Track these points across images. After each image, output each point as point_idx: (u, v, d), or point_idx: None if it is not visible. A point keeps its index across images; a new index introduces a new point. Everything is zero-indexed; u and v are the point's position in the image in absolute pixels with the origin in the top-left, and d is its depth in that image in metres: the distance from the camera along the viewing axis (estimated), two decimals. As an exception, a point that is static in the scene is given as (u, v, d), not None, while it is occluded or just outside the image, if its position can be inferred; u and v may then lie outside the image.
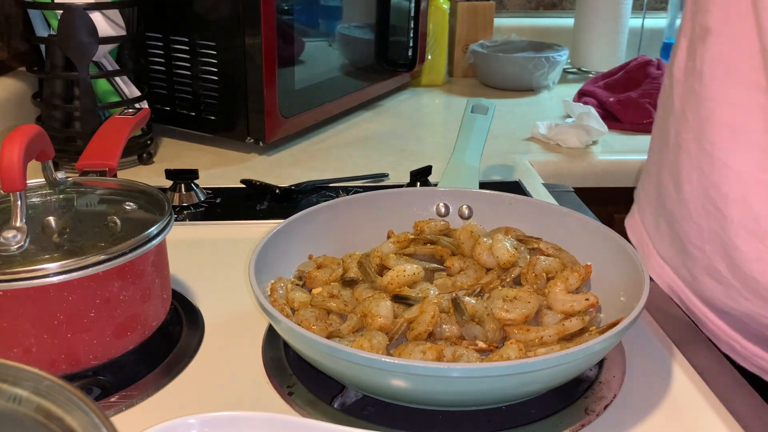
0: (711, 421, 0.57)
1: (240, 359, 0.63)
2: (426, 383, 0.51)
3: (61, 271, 0.54)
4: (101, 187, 0.70)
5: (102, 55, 1.07)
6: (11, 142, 0.57)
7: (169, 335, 0.66)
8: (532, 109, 1.48)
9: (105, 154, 0.75)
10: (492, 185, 0.96)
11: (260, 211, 0.94)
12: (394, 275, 0.65)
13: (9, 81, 1.24)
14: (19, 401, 0.39)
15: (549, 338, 0.60)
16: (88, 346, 0.58)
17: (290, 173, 1.08)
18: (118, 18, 1.07)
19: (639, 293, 0.58)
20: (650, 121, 1.34)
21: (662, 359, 0.64)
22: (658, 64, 1.48)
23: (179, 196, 0.95)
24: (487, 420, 0.56)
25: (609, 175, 1.20)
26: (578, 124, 1.26)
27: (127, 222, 0.62)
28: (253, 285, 0.59)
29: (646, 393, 0.59)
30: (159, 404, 0.58)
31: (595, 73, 1.68)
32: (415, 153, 1.19)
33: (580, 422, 0.55)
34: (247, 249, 0.65)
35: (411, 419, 0.55)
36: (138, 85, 1.13)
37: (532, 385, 0.54)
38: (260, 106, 1.11)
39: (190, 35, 1.13)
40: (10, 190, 0.57)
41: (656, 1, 1.93)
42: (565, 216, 0.74)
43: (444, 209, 0.79)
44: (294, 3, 1.16)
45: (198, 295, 0.74)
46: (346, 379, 0.56)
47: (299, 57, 1.20)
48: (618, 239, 0.67)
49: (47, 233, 0.60)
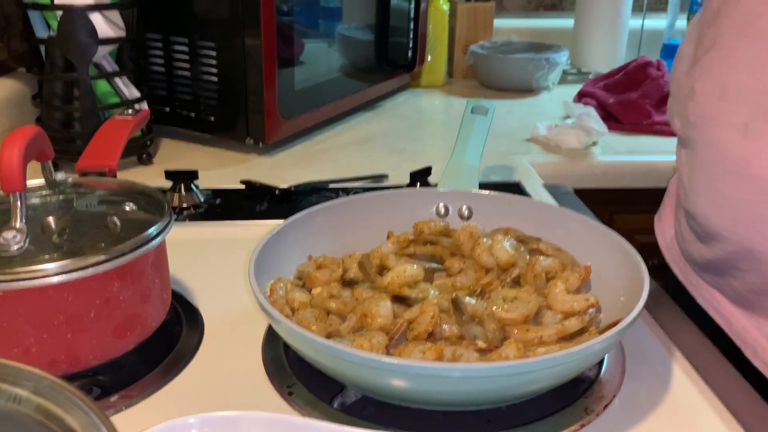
0: (711, 421, 0.57)
1: (240, 359, 0.63)
2: (426, 383, 0.51)
3: (61, 271, 0.54)
4: (101, 187, 0.70)
5: (102, 56, 1.07)
6: (11, 143, 0.57)
7: (169, 335, 0.66)
8: (532, 110, 1.48)
9: (105, 155, 0.75)
10: (492, 186, 0.96)
11: (260, 211, 0.94)
12: (394, 275, 0.65)
13: (9, 82, 1.24)
14: (19, 401, 0.39)
15: (548, 338, 0.60)
16: (88, 346, 0.58)
17: (290, 174, 1.08)
18: (118, 19, 1.07)
19: (639, 293, 0.58)
20: (650, 122, 1.34)
21: (662, 359, 0.64)
22: (658, 65, 1.48)
23: (179, 196, 0.95)
24: (487, 420, 0.56)
25: (609, 176, 1.20)
26: (578, 125, 1.26)
27: (126, 223, 0.62)
28: (253, 285, 0.59)
29: (646, 393, 0.59)
30: (159, 404, 0.58)
31: (595, 74, 1.68)
32: (415, 154, 1.19)
33: (579, 422, 0.55)
34: (247, 249, 0.65)
35: (411, 419, 0.55)
36: (138, 86, 1.13)
37: (532, 385, 0.54)
38: (260, 107, 1.11)
39: (190, 36, 1.13)
40: (9, 191, 0.57)
41: (656, 2, 1.93)
42: (565, 216, 0.74)
43: (444, 210, 0.79)
44: (294, 4, 1.16)
45: (198, 295, 0.74)
46: (346, 379, 0.56)
47: (299, 58, 1.20)
48: (618, 239, 0.67)
49: (47, 234, 0.60)
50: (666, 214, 0.87)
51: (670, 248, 0.83)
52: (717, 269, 0.72)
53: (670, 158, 1.23)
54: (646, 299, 0.57)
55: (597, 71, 1.69)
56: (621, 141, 1.31)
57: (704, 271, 0.75)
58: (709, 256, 0.72)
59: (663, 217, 0.87)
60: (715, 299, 0.74)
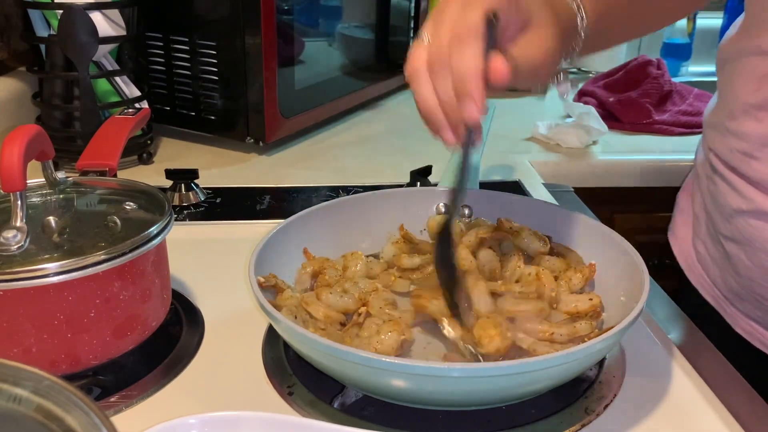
0: (711, 421, 0.57)
1: (240, 359, 0.63)
2: (426, 383, 0.51)
3: (61, 271, 0.54)
4: (101, 187, 0.70)
5: (102, 55, 1.07)
6: (11, 142, 0.57)
7: (169, 335, 0.66)
8: (532, 109, 1.48)
9: (105, 154, 0.75)
10: (492, 185, 0.96)
11: (260, 211, 0.94)
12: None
13: (9, 81, 1.24)
14: (19, 401, 0.39)
15: (560, 337, 0.59)
16: (88, 346, 0.58)
17: (290, 173, 1.08)
18: (118, 18, 1.07)
19: (639, 293, 0.58)
20: (650, 121, 1.34)
21: (662, 359, 0.64)
22: (658, 64, 1.48)
23: (179, 195, 0.95)
24: (487, 420, 0.56)
25: (609, 175, 1.20)
26: (578, 124, 1.26)
27: (127, 222, 0.62)
28: (253, 285, 0.59)
29: (646, 393, 0.59)
30: (159, 404, 0.58)
31: (595, 73, 1.68)
32: (415, 153, 1.19)
33: (580, 422, 0.55)
34: (247, 249, 0.65)
35: (411, 419, 0.55)
36: (138, 84, 1.13)
37: (532, 385, 0.54)
38: (260, 106, 1.11)
39: (190, 35, 1.13)
40: (10, 190, 0.57)
41: (656, 1, 1.93)
42: (565, 215, 0.74)
43: (444, 209, 0.79)
44: (294, 3, 1.16)
45: (198, 295, 0.74)
46: (346, 379, 0.56)
47: (299, 57, 1.20)
48: (618, 239, 0.67)
49: (47, 233, 0.60)
50: (679, 227, 0.87)
51: (693, 271, 0.83)
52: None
53: (670, 158, 1.24)
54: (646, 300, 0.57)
55: (597, 70, 1.69)
56: (621, 140, 1.31)
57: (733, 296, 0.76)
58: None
59: (677, 233, 0.87)
60: (756, 330, 0.75)
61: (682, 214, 0.86)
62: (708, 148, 0.77)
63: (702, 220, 0.79)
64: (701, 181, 0.79)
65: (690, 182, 0.86)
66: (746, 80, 0.70)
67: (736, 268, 0.73)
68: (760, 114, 0.68)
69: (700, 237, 0.80)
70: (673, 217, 0.89)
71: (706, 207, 0.78)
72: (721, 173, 0.74)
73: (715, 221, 0.75)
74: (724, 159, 0.73)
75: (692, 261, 0.83)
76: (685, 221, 0.85)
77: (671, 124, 1.34)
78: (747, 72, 0.70)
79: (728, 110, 0.73)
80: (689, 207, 0.84)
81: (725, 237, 0.73)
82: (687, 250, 0.84)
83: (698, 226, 0.80)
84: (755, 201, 0.69)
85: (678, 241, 0.86)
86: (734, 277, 0.74)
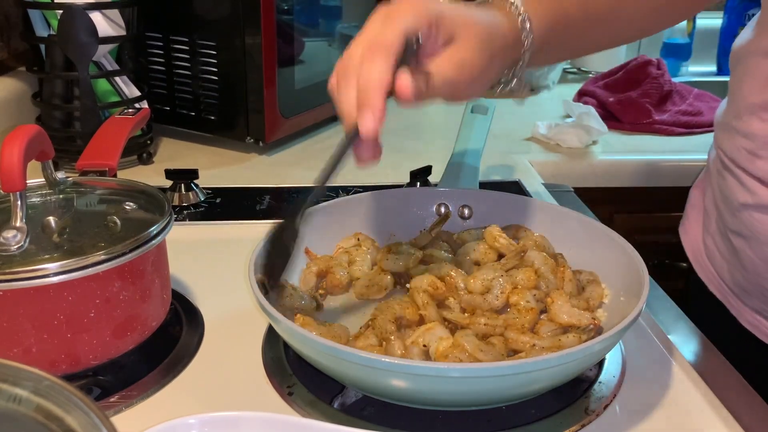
0: (711, 421, 0.57)
1: (240, 359, 0.63)
2: (426, 383, 0.51)
3: (61, 271, 0.54)
4: (101, 187, 0.70)
5: (102, 55, 1.07)
6: (11, 142, 0.57)
7: (169, 335, 0.66)
8: (532, 109, 1.48)
9: (105, 154, 0.75)
10: (492, 185, 0.96)
11: (260, 211, 0.94)
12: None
13: (9, 81, 1.24)
14: (19, 401, 0.39)
15: (540, 350, 0.58)
16: (88, 346, 0.58)
17: (290, 173, 1.08)
18: (118, 18, 1.07)
19: (639, 293, 0.58)
20: (650, 121, 1.34)
21: (662, 359, 0.64)
22: (658, 63, 1.48)
23: (179, 196, 0.95)
24: (487, 420, 0.56)
25: (609, 175, 1.20)
26: (578, 124, 1.26)
27: (127, 222, 0.62)
28: (253, 285, 0.59)
29: (646, 393, 0.59)
30: (159, 404, 0.58)
31: (595, 73, 1.68)
32: (415, 153, 1.19)
33: (580, 422, 0.55)
34: (247, 249, 0.65)
35: (411, 419, 0.55)
36: (138, 85, 1.13)
37: (532, 385, 0.54)
38: (260, 106, 1.11)
39: (190, 35, 1.13)
40: (10, 190, 0.57)
41: (656, 1, 1.93)
42: (565, 216, 0.74)
43: (444, 209, 0.79)
44: (294, 3, 1.15)
45: (198, 295, 0.74)
46: (346, 379, 0.56)
47: (299, 57, 1.19)
48: (618, 239, 0.67)
49: (47, 233, 0.60)
50: (690, 223, 0.87)
51: (702, 265, 0.84)
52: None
53: (670, 157, 1.24)
54: (646, 300, 0.57)
55: (597, 70, 1.69)
56: (621, 140, 1.31)
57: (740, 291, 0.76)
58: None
59: (688, 229, 0.87)
60: (762, 324, 0.75)
61: (693, 209, 0.87)
62: (717, 147, 0.78)
63: (712, 215, 0.80)
64: (712, 177, 0.81)
65: (702, 179, 0.87)
66: (753, 81, 0.71)
67: (743, 263, 0.74)
68: (765, 114, 0.69)
69: (710, 232, 0.80)
70: (685, 212, 0.90)
71: (715, 202, 0.79)
72: (729, 168, 0.75)
73: (724, 216, 0.76)
74: (731, 157, 0.74)
75: (701, 255, 0.84)
76: (696, 217, 0.86)
77: (671, 124, 1.34)
78: (754, 73, 0.71)
79: (735, 110, 0.74)
80: (700, 203, 0.85)
81: (732, 231, 0.74)
82: (697, 244, 0.85)
83: (708, 221, 0.81)
84: (759, 195, 0.70)
85: (688, 236, 0.87)
86: (741, 271, 0.75)
